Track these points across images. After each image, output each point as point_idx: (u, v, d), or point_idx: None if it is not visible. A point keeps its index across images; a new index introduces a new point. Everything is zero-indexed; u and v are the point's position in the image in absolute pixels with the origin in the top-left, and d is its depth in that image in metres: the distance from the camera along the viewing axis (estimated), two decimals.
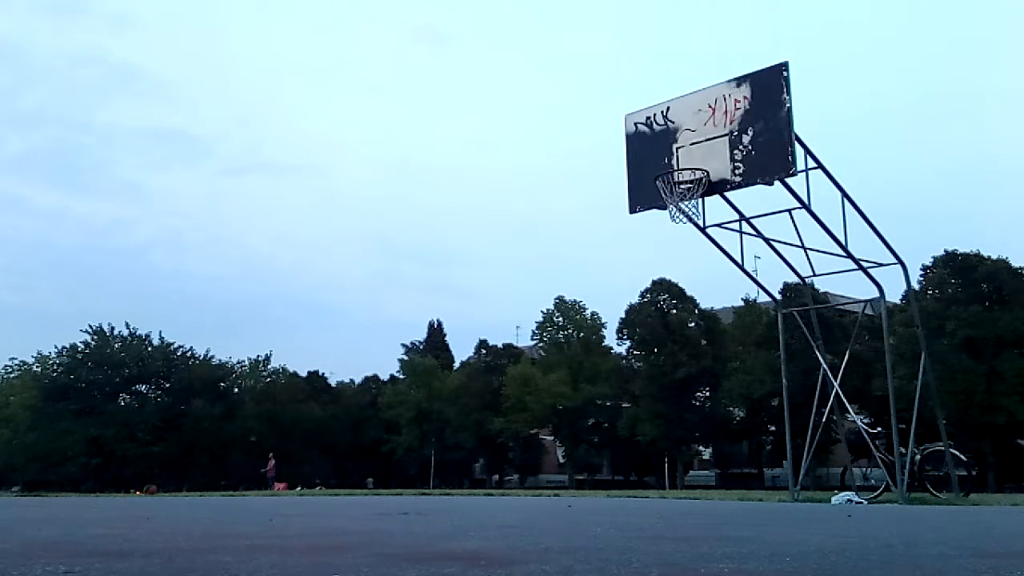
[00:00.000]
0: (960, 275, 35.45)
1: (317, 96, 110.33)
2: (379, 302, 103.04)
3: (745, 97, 11.87)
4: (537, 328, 48.53)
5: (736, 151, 11.82)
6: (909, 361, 26.66)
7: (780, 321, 14.91)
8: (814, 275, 13.66)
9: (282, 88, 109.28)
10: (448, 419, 49.31)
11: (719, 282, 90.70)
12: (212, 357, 54.15)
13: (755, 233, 13.15)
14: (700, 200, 12.39)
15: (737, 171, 11.83)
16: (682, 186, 12.16)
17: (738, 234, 13.06)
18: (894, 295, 24.76)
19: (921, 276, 35.63)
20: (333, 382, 60.71)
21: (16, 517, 6.99)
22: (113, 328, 51.91)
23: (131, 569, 2.77)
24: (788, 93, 11.46)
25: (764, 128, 11.62)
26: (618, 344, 45.37)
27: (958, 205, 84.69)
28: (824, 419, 13.82)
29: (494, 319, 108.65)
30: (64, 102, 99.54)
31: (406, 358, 55.67)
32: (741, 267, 13.16)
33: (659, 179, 12.31)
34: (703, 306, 43.89)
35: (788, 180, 11.55)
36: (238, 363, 55.91)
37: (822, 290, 27.54)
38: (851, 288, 21.74)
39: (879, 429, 12.89)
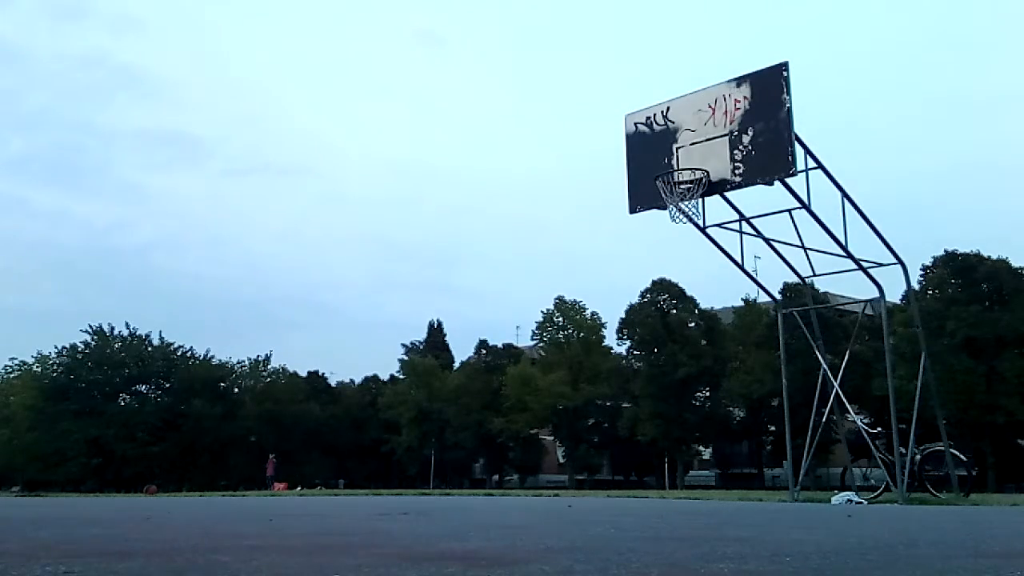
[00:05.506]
0: (960, 275, 35.47)
1: (317, 98, 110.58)
2: (379, 302, 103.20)
3: (745, 97, 11.86)
4: (537, 328, 48.55)
5: (736, 151, 11.82)
6: (909, 361, 26.65)
7: (780, 321, 14.90)
8: (814, 275, 13.66)
9: (282, 90, 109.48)
10: (448, 419, 49.27)
11: (719, 282, 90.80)
12: (212, 357, 54.15)
13: (755, 233, 13.15)
14: (700, 200, 12.39)
15: (737, 171, 11.83)
16: (682, 186, 12.16)
17: (738, 234, 13.06)
18: (894, 295, 24.82)
19: (921, 276, 35.69)
20: (333, 382, 60.80)
21: (16, 517, 6.99)
22: (113, 328, 51.92)
23: (131, 569, 2.76)
24: (788, 93, 11.46)
25: (764, 128, 11.62)
26: (618, 344, 45.46)
27: (958, 205, 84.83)
28: (824, 419, 13.80)
29: (494, 319, 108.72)
30: (66, 104, 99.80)
31: (406, 358, 55.67)
32: (741, 267, 13.16)
33: (659, 179, 12.31)
34: (703, 306, 43.94)
35: (788, 180, 11.55)
36: (238, 363, 55.90)
37: (822, 290, 27.56)
38: (851, 288, 21.79)
39: (879, 429, 12.89)
